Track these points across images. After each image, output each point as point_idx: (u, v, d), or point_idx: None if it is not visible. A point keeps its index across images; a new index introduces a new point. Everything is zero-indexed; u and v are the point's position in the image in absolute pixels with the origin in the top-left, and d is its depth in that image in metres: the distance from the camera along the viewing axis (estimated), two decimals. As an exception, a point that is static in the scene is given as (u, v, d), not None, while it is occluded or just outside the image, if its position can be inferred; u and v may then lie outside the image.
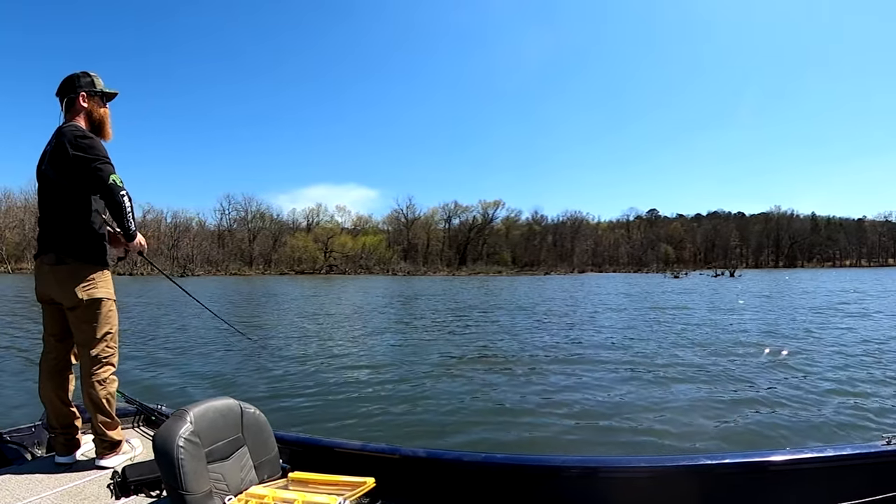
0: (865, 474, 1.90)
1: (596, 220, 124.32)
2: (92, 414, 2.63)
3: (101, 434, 2.65)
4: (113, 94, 2.89)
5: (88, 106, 2.77)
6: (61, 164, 2.59)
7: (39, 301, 2.75)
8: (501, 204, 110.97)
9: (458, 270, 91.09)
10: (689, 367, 7.80)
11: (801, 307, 18.42)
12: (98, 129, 2.80)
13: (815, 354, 8.71)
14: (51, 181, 2.64)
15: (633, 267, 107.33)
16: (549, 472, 2.21)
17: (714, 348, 9.52)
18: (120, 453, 2.69)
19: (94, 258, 2.68)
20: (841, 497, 1.82)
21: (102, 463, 2.63)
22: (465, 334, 12.20)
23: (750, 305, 19.59)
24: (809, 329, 12.18)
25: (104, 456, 2.66)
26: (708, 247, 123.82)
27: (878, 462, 1.87)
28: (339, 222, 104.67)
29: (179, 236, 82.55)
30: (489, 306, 20.46)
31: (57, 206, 2.65)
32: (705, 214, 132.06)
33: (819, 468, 1.94)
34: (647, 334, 11.67)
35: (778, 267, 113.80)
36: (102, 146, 2.67)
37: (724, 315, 15.99)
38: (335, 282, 52.90)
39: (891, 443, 1.88)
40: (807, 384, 6.61)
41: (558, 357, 8.86)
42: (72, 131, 2.63)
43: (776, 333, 11.45)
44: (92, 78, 2.80)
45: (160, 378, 7.40)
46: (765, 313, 16.26)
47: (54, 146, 2.63)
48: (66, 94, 2.76)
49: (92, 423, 2.65)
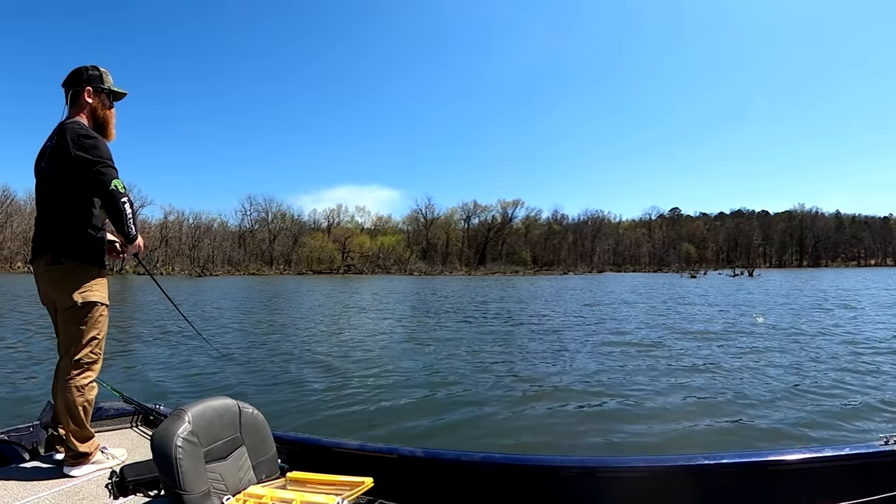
0: (864, 474, 1.88)
1: (617, 219, 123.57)
2: (63, 420, 2.51)
3: (69, 442, 2.51)
4: (122, 93, 2.77)
5: (93, 102, 2.65)
6: (62, 162, 2.47)
7: (44, 305, 2.69)
8: (521, 203, 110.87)
9: (475, 270, 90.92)
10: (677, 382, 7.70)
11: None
12: (101, 128, 2.67)
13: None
14: (50, 180, 2.53)
15: (653, 266, 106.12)
16: (548, 472, 2.20)
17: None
18: (89, 463, 2.54)
19: (91, 259, 2.57)
20: (839, 497, 1.80)
21: (67, 471, 2.49)
22: (465, 334, 12.20)
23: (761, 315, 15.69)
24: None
25: (69, 465, 2.51)
26: (731, 246, 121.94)
27: (877, 462, 1.86)
28: (359, 222, 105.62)
29: (200, 237, 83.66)
30: (480, 307, 20.37)
31: (55, 205, 2.54)
32: (728, 213, 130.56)
33: (817, 468, 1.93)
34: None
35: (802, 266, 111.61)
36: (106, 147, 2.54)
37: (730, 339, 10.75)
38: (350, 281, 53.11)
39: (889, 443, 1.87)
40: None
41: (544, 357, 8.82)
42: (75, 129, 2.49)
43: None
44: (101, 73, 2.68)
45: (159, 377, 7.44)
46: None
47: (55, 143, 2.51)
48: (72, 87, 2.63)
49: (63, 428, 2.53)
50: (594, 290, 32.10)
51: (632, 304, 21.01)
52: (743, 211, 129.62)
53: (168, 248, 78.78)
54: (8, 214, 69.95)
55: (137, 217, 2.65)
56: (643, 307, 19.26)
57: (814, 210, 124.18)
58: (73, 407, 2.49)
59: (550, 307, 19.82)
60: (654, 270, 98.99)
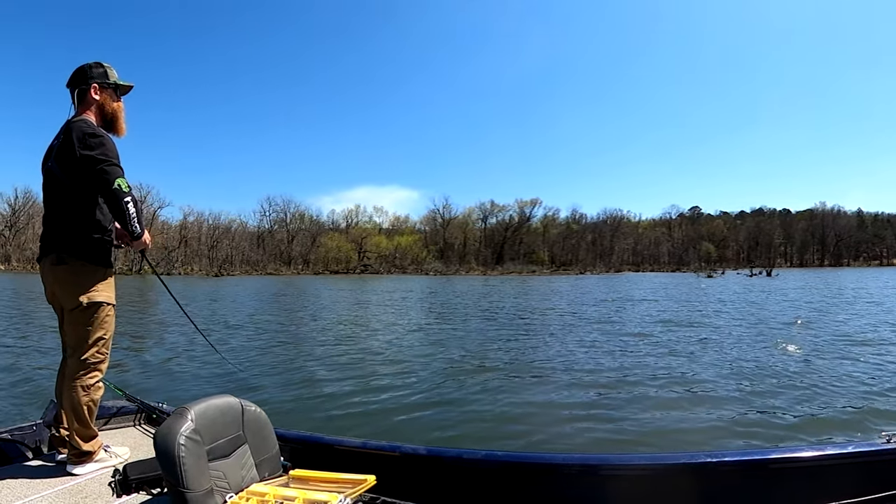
0: (866, 472, 1.89)
1: (637, 218, 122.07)
2: (68, 418, 2.51)
3: (73, 440, 2.52)
4: (128, 86, 2.76)
5: (100, 98, 2.64)
6: (68, 162, 2.45)
7: (50, 304, 2.68)
8: (539, 202, 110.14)
9: (491, 270, 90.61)
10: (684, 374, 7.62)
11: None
12: (110, 123, 2.67)
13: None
14: (56, 179, 2.51)
15: (672, 266, 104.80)
16: (550, 470, 2.20)
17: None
18: (92, 461, 2.55)
19: (97, 258, 2.56)
20: (842, 495, 1.81)
21: (70, 469, 2.51)
22: (465, 333, 12.24)
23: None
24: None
25: (72, 463, 2.53)
26: (751, 245, 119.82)
27: (879, 460, 1.87)
28: (377, 223, 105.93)
29: (219, 238, 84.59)
30: (485, 310, 20.28)
31: (62, 205, 2.52)
32: (749, 211, 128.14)
33: (820, 466, 1.93)
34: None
35: (823, 265, 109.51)
36: (113, 145, 2.52)
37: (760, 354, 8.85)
38: (364, 281, 53.44)
39: (891, 441, 1.88)
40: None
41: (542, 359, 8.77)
42: (81, 127, 2.48)
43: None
44: (105, 69, 2.66)
45: (161, 376, 7.53)
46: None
47: (62, 142, 2.49)
48: (77, 86, 2.61)
49: (67, 427, 2.54)
50: (592, 293, 31.80)
51: (625, 308, 19.89)
52: (764, 209, 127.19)
53: (187, 249, 79.77)
54: (30, 216, 71.45)
55: (143, 214, 2.63)
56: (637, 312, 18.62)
57: (835, 208, 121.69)
58: (78, 407, 2.49)
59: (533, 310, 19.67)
60: (673, 270, 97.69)
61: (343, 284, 44.30)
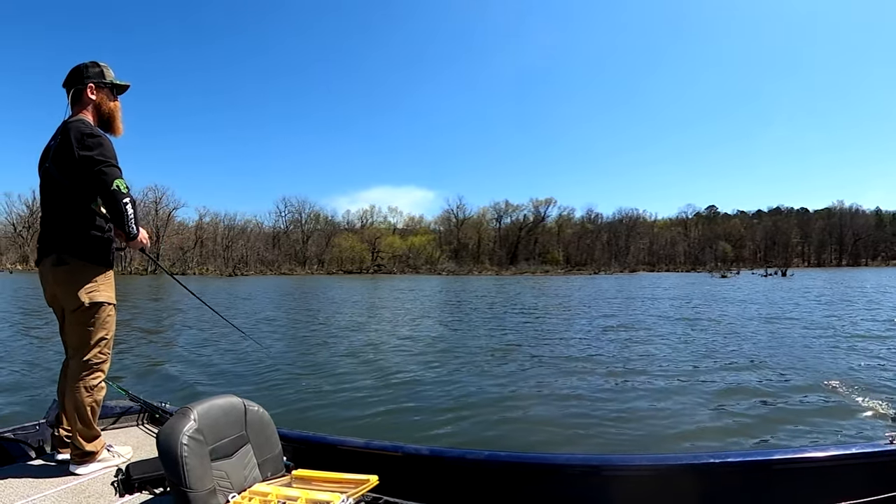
0: (869, 473, 1.88)
1: (653, 217, 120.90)
2: (71, 419, 2.52)
3: (76, 441, 2.53)
4: (125, 86, 2.74)
5: (97, 98, 2.62)
6: (66, 163, 2.44)
7: (50, 306, 2.69)
8: (553, 202, 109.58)
9: (504, 270, 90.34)
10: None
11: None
12: (107, 123, 2.66)
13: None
14: (54, 180, 2.50)
15: (688, 266, 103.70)
16: (552, 470, 2.19)
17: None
18: (96, 461, 2.56)
19: (97, 258, 2.55)
20: (844, 496, 1.80)
21: (73, 469, 2.52)
22: (466, 333, 12.22)
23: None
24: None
25: (75, 463, 2.54)
26: (768, 244, 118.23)
27: (882, 461, 1.86)
28: (391, 223, 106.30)
29: (234, 238, 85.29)
30: (480, 308, 20.24)
31: (61, 206, 2.51)
32: (766, 210, 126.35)
33: (822, 467, 1.92)
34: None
35: (841, 265, 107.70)
36: (111, 146, 2.51)
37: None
38: (377, 281, 53.57)
39: (894, 442, 1.87)
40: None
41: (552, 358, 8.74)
42: (79, 128, 2.46)
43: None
44: (101, 68, 2.64)
45: (165, 374, 7.54)
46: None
47: (59, 142, 2.48)
48: (73, 86, 2.60)
49: (70, 427, 2.55)
50: (592, 293, 31.56)
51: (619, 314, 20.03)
52: (781, 209, 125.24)
53: (202, 249, 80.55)
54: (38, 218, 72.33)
55: (139, 215, 2.62)
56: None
57: (853, 207, 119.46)
58: (81, 407, 2.50)
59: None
60: (688, 270, 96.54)
61: (353, 284, 44.46)
